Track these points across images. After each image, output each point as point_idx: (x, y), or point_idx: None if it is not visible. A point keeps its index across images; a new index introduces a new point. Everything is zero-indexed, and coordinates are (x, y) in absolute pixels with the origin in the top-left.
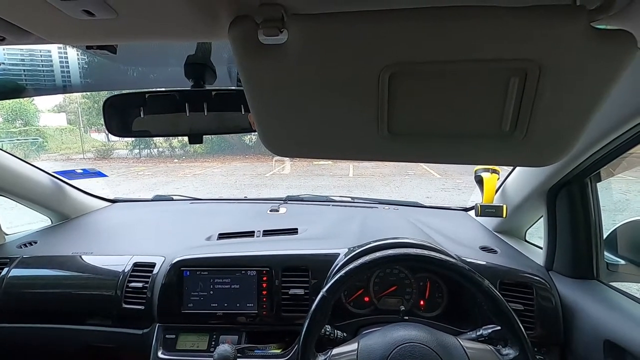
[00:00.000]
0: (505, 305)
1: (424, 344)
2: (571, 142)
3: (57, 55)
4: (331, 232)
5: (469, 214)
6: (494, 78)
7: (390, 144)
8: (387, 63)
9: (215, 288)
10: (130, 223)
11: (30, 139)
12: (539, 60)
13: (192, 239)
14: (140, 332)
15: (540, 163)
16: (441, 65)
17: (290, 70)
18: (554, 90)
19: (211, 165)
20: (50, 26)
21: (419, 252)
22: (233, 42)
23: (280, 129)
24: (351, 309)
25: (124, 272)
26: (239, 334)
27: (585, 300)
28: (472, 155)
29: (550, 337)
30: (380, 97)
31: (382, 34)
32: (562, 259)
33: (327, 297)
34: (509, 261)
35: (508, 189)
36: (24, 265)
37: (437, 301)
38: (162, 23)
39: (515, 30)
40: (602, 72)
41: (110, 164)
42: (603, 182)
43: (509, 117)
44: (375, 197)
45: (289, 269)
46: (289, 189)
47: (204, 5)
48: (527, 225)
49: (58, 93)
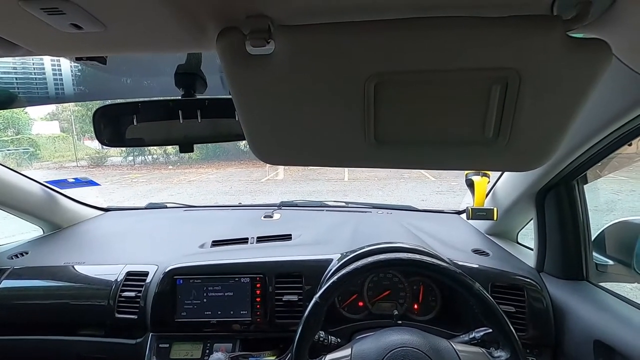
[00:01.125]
0: (496, 307)
1: (416, 348)
2: (553, 147)
3: (49, 65)
4: (325, 237)
5: (461, 216)
6: (476, 86)
7: (377, 151)
8: (372, 72)
9: (208, 296)
10: (123, 232)
11: (21, 148)
12: (519, 69)
13: (186, 247)
14: (133, 342)
15: (524, 168)
16: (425, 74)
17: (278, 80)
18: (534, 97)
19: (206, 172)
20: (39, 39)
21: (411, 256)
22: (221, 53)
23: (269, 138)
24: (345, 314)
25: (116, 281)
26: (233, 341)
27: (575, 301)
28: (458, 162)
29: (542, 339)
30: (366, 105)
31: (366, 45)
32: (553, 260)
33: (320, 302)
34: (501, 263)
35: (498, 192)
36: (15, 277)
37: (431, 305)
38: (150, 35)
39: (495, 40)
40: (579, 79)
41: (104, 172)
42: (594, 183)
43: (492, 124)
44: (371, 201)
45: (283, 275)
46: (284, 195)
47: (192, 18)
48: (519, 227)
49: (51, 103)
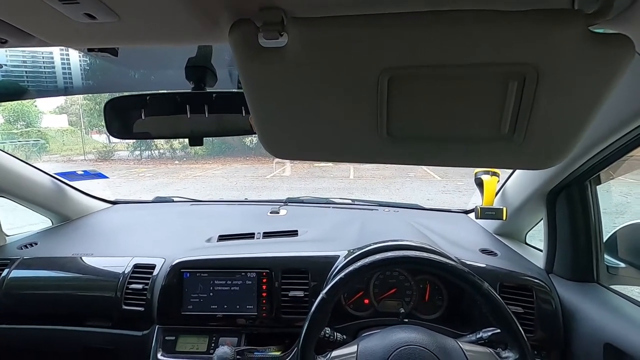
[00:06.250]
0: (504, 307)
1: (423, 347)
2: (570, 145)
3: (59, 57)
4: (331, 234)
5: (469, 216)
6: (492, 82)
7: (389, 147)
8: (385, 66)
9: (215, 290)
10: (130, 224)
11: (31, 140)
12: (537, 64)
13: (192, 241)
14: (140, 333)
15: (539, 166)
16: (440, 69)
17: (290, 73)
18: (552, 94)
19: (212, 167)
20: (52, 29)
21: (419, 254)
22: (233, 46)
23: (280, 132)
24: (351, 311)
25: (124, 273)
26: (238, 336)
27: (585, 303)
28: (471, 158)
29: (550, 340)
30: (379, 100)
31: (381, 38)
32: (562, 261)
33: (326, 298)
34: (509, 264)
35: (508, 192)
36: (25, 267)
37: (437, 304)
38: (163, 27)
39: (513, 35)
40: (600, 76)
41: (111, 166)
42: (604, 185)
43: (508, 121)
44: (376, 199)
45: (289, 271)
46: (289, 191)
47: (205, 10)
48: (528, 227)
49: (60, 95)
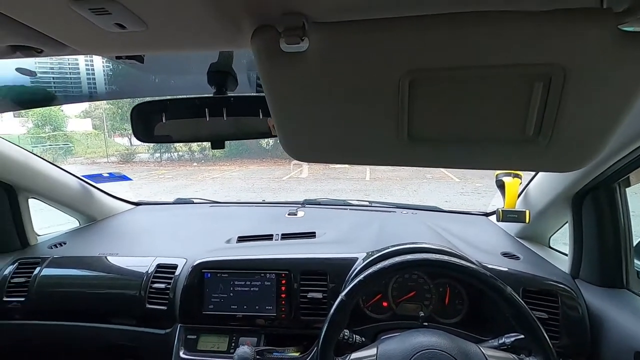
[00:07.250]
0: (529, 313)
1: (444, 351)
2: (598, 147)
3: (83, 65)
4: (349, 236)
5: (489, 219)
6: (517, 83)
7: (410, 150)
8: (407, 69)
9: (235, 290)
10: (153, 225)
11: (60, 143)
12: (564, 65)
13: (213, 242)
14: (162, 332)
15: (565, 169)
16: (462, 71)
17: (312, 77)
18: (580, 94)
19: (229, 169)
20: (85, 39)
21: (439, 257)
22: (256, 51)
23: (301, 135)
24: (369, 313)
25: (147, 273)
26: (257, 336)
27: (614, 309)
28: (494, 161)
29: (577, 347)
30: (401, 103)
31: (402, 41)
32: (589, 266)
33: (346, 300)
34: (533, 268)
35: (531, 194)
36: (55, 265)
37: (457, 308)
38: (188, 34)
39: (538, 35)
40: (630, 76)
41: (132, 168)
42: (634, 187)
43: (533, 122)
44: (393, 201)
45: (308, 272)
46: (305, 193)
47: (228, 16)
48: (552, 231)
49: (84, 101)
